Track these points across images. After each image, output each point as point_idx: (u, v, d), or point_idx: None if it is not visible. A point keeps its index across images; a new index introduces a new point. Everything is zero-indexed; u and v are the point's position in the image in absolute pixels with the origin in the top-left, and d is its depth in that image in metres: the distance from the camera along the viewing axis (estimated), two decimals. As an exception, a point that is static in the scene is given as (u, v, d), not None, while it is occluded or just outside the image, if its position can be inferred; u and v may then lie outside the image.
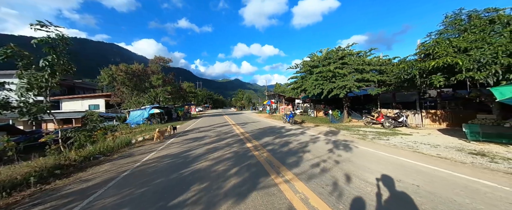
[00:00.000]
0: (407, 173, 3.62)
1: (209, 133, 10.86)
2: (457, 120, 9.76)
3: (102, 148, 7.10)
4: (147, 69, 22.97)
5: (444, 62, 5.90)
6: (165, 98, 27.89)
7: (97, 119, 18.11)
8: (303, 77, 14.80)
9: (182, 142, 8.29)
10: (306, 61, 15.12)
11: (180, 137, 10.08)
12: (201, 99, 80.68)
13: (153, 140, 9.32)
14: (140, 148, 7.64)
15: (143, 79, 21.94)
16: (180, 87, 26.93)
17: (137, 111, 21.02)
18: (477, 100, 6.83)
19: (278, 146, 6.39)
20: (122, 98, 22.26)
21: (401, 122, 10.17)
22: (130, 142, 9.04)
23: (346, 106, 14.43)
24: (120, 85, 20.03)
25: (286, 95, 15.39)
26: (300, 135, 8.50)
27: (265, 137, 8.28)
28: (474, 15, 6.57)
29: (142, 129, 16.96)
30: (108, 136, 14.50)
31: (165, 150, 6.87)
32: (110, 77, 18.29)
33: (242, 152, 5.85)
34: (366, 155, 4.97)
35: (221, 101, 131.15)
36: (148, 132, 14.77)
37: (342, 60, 12.95)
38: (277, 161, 4.60)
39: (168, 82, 23.45)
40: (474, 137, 6.00)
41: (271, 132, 10.03)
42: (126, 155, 6.54)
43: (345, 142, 6.71)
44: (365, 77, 11.25)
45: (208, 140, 8.33)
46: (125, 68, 19.10)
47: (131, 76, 20.28)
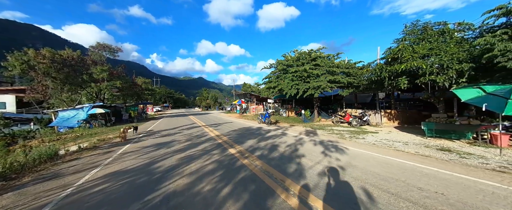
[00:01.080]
0: (417, 178, 3.49)
1: (177, 136, 9.07)
2: (405, 118, 11.57)
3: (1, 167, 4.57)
4: (85, 58, 17.99)
5: (412, 66, 6.56)
6: (113, 95, 22.77)
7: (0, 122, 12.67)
8: (279, 76, 14.66)
9: (141, 150, 6.42)
10: (281, 60, 15.07)
11: (137, 143, 7.95)
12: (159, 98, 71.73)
13: (94, 151, 6.91)
14: (73, 162, 5.39)
15: (80, 70, 17.02)
16: (133, 83, 22.49)
17: (70, 111, 16.15)
18: (431, 101, 8.00)
19: (266, 150, 5.64)
20: (46, 94, 16.70)
21: (365, 121, 11.25)
22: (57, 153, 6.41)
23: (317, 106, 15.15)
24: (43, 77, 14.79)
25: (261, 95, 14.92)
26: (283, 136, 8.03)
27: (247, 140, 7.39)
28: (429, 27, 7.70)
29: (77, 134, 12.98)
30: (15, 146, 10.35)
31: (116, 163, 5.01)
32: (24, 64, 13.08)
33: (227, 160, 4.79)
34: (362, 157, 4.83)
35: (183, 101, 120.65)
36: (87, 138, 11.37)
37: (314, 61, 13.44)
38: (276, 171, 3.82)
39: (117, 76, 19.10)
40: (430, 134, 6.92)
41: (250, 133, 9.20)
42: (49, 175, 4.37)
43: (331, 142, 6.60)
44: (336, 79, 11.94)
45: (178, 146, 6.76)
46: (51, 55, 14.16)
47: (60, 65, 15.29)
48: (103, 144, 8.22)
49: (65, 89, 16.14)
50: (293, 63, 13.99)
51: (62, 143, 9.94)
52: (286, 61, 14.54)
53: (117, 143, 8.15)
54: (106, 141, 9.04)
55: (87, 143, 9.22)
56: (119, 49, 19.80)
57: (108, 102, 21.89)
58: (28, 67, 13.55)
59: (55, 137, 12.21)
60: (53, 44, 16.19)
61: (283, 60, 14.78)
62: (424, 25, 7.85)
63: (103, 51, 19.26)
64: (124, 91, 20.54)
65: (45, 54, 13.94)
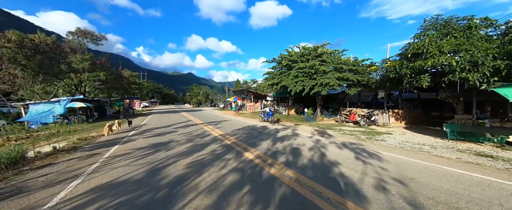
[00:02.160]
0: (505, 198, 2.89)
1: (174, 136, 7.94)
2: (411, 119, 11.39)
3: None
4: (62, 46, 15.79)
5: (439, 62, 6.07)
6: (95, 88, 20.55)
7: None
8: (282, 72, 13.86)
9: (134, 153, 5.29)
10: (284, 55, 14.26)
11: (127, 143, 6.74)
12: (146, 93, 68.03)
13: (74, 153, 5.63)
14: (45, 169, 4.17)
15: (55, 58, 14.86)
16: (119, 75, 20.42)
17: (44, 105, 14.10)
18: (449, 101, 7.66)
19: (290, 155, 4.82)
20: (14, 84, 14.42)
21: (373, 121, 10.88)
22: (23, 157, 5.08)
23: (319, 104, 14.63)
24: (8, 64, 12.61)
25: (261, 91, 14.06)
26: (297, 137, 7.27)
27: (259, 141, 6.52)
28: (452, 21, 7.29)
29: (52, 131, 11.23)
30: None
31: (104, 171, 3.90)
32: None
33: (249, 169, 3.90)
34: (407, 165, 4.11)
35: (172, 97, 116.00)
36: (65, 136, 9.79)
37: (320, 57, 12.81)
38: (322, 187, 3.00)
39: (101, 67, 17.08)
40: (453, 136, 6.54)
41: (259, 133, 8.33)
42: (7, 191, 3.18)
43: (355, 145, 5.96)
44: (345, 76, 11.40)
45: (180, 148, 5.71)
46: (18, 38, 12.02)
47: (31, 52, 13.15)
48: (84, 144, 6.90)
49: (39, 80, 14.00)
50: (297, 59, 13.24)
51: (32, 142, 8.35)
52: (290, 56, 13.75)
53: (103, 143, 6.86)
54: (88, 140, 7.68)
55: (65, 142, 7.79)
56: (103, 37, 17.67)
57: (90, 96, 19.71)
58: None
59: (24, 135, 10.40)
60: (25, 31, 13.91)
61: (287, 56, 13.98)
62: (447, 20, 7.44)
63: (84, 38, 17.07)
64: (109, 84, 18.54)
65: (10, 38, 11.81)
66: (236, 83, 65.15)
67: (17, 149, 5.23)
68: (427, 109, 12.59)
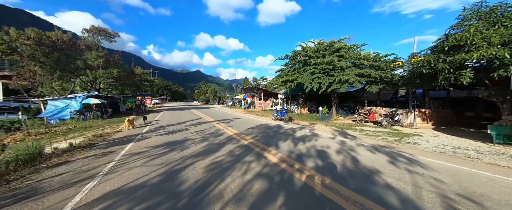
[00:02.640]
0: None
1: (188, 134, 7.71)
2: (440, 119, 10.44)
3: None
4: (78, 43, 16.11)
5: (489, 54, 5.29)
6: (109, 85, 21.01)
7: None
8: (296, 69, 13.25)
9: (150, 152, 5.06)
10: (299, 51, 13.61)
11: (141, 141, 6.58)
12: (157, 90, 69.59)
13: (89, 150, 5.51)
14: (61, 168, 4.01)
15: (71, 55, 15.20)
16: (132, 72, 20.70)
17: (61, 101, 14.51)
18: (493, 100, 6.80)
19: (318, 159, 4.35)
20: (34, 81, 14.93)
21: (397, 121, 10.08)
22: (41, 153, 5.01)
23: (335, 103, 13.90)
24: (28, 61, 13.00)
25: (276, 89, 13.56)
26: (318, 138, 6.76)
27: (278, 142, 6.09)
28: (502, 8, 6.36)
29: (69, 127, 11.47)
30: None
31: (120, 172, 3.66)
32: (4, 45, 11.26)
33: (276, 174, 3.49)
34: (463, 176, 3.56)
35: (181, 94, 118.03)
36: (81, 132, 9.90)
37: (338, 52, 12.05)
38: (376, 206, 2.53)
39: (114, 63, 17.32)
40: (500, 140, 5.75)
41: (275, 133, 7.90)
42: (22, 192, 3.00)
43: (387, 149, 5.37)
44: (367, 72, 10.62)
45: (195, 148, 5.42)
46: (37, 36, 12.33)
47: (48, 48, 13.49)
48: (100, 141, 6.82)
49: (56, 76, 14.38)
50: (313, 55, 12.56)
51: (50, 138, 8.47)
52: (304, 52, 13.08)
53: (118, 141, 6.75)
54: (103, 137, 7.63)
55: (81, 138, 7.80)
56: (116, 34, 17.88)
57: (104, 93, 20.17)
58: (9, 49, 11.74)
59: (44, 130, 10.67)
60: (45, 31, 14.26)
61: (301, 51, 13.31)
62: (493, 7, 6.51)
63: (98, 36, 17.34)
64: (122, 80, 18.83)
65: (30, 35, 12.11)
66: (244, 80, 64.79)
67: (35, 144, 5.17)
68: (457, 108, 11.51)
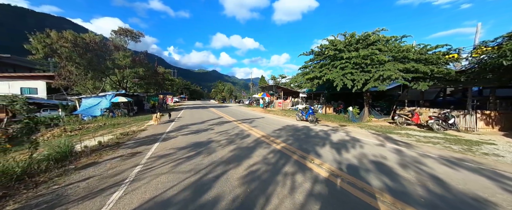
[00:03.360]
0: None
1: (212, 134, 7.28)
2: (510, 123, 8.51)
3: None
4: (108, 43, 17.02)
5: None
6: (134, 84, 22.05)
7: (23, 107, 12.17)
8: (324, 65, 12.10)
9: (176, 154, 4.66)
10: (326, 45, 12.41)
11: (166, 141, 6.29)
12: (176, 89, 72.66)
13: (117, 150, 5.33)
14: (88, 171, 3.75)
15: (102, 56, 16.09)
16: (155, 71, 21.45)
17: (93, 99, 15.44)
18: None
19: (385, 177, 3.44)
20: (70, 80, 16.13)
21: (452, 124, 8.43)
22: (72, 152, 4.94)
23: (367, 102, 12.43)
24: (65, 62, 14.01)
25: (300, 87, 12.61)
26: (364, 145, 5.76)
27: (316, 148, 5.27)
28: None
29: (100, 124, 12.00)
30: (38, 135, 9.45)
31: (147, 180, 3.24)
32: (46, 48, 12.27)
33: (333, 195, 2.72)
34: None
35: (199, 93, 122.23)
36: (110, 129, 10.18)
37: (373, 46, 10.63)
38: None
39: (139, 63, 17.99)
40: None
41: (306, 135, 7.06)
42: (46, 200, 2.70)
43: (468, 163, 4.20)
44: (414, 67, 9.09)
45: (223, 152, 4.89)
46: (73, 37, 13.22)
47: (83, 50, 14.40)
48: (126, 140, 6.73)
49: (89, 76, 15.32)
50: (343, 48, 11.30)
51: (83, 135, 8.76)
52: (333, 46, 11.85)
53: (144, 140, 6.57)
54: (130, 135, 7.59)
55: (110, 135, 7.88)
56: (140, 34, 18.58)
57: (130, 92, 21.23)
58: (51, 51, 12.72)
59: (78, 126, 11.31)
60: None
61: (329, 45, 12.09)
62: None
63: (125, 36, 18.17)
64: (146, 79, 19.56)
65: (67, 37, 12.97)
66: (260, 79, 64.09)
67: (66, 143, 5.13)
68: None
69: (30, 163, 3.85)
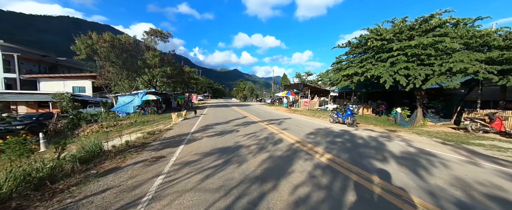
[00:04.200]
0: None
1: (238, 137, 6.54)
2: None
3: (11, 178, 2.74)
4: (140, 44, 17.98)
5: None
6: (163, 83, 23.13)
7: (68, 104, 13.53)
8: (366, 59, 10.32)
9: (201, 162, 4.00)
10: (367, 35, 10.55)
11: (191, 143, 5.78)
12: (200, 88, 75.82)
13: (141, 152, 4.96)
14: (108, 179, 3.30)
15: (135, 56, 17.05)
16: (181, 70, 22.12)
17: (127, 97, 16.45)
18: None
19: None
20: (108, 79, 17.51)
21: None
22: (99, 153, 4.73)
23: (422, 103, 10.19)
24: (104, 62, 15.18)
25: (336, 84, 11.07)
26: (447, 162, 4.25)
27: (375, 163, 4.02)
28: None
29: (132, 121, 12.53)
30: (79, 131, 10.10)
31: (168, 202, 2.57)
32: (88, 48, 13.46)
33: None
34: None
35: (221, 91, 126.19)
36: (140, 127, 10.40)
37: (435, 31, 8.47)
38: None
39: (167, 62, 18.62)
40: None
41: (353, 144, 5.76)
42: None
43: None
44: (500, 56, 6.85)
45: (255, 162, 4.03)
46: (110, 38, 14.21)
47: (119, 51, 15.41)
48: (152, 140, 6.46)
49: (124, 75, 16.36)
50: (392, 37, 9.35)
51: (117, 131, 9.01)
52: (378, 35, 9.95)
53: (169, 141, 6.20)
54: (156, 134, 7.39)
55: (139, 133, 7.84)
56: (169, 34, 19.23)
57: (159, 90, 22.33)
58: (92, 51, 13.84)
59: (113, 123, 11.97)
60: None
61: (372, 35, 10.20)
62: None
63: (155, 37, 19.01)
64: (174, 78, 20.23)
65: (105, 38, 13.93)
66: (282, 78, 62.27)
67: (96, 142, 4.97)
68: None
69: (55, 166, 3.61)
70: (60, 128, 11.04)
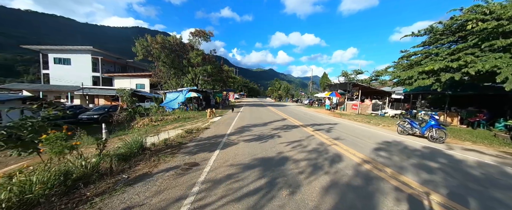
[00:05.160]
0: None
1: (281, 144, 5.42)
2: None
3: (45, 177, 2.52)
4: (186, 45, 19.30)
5: None
6: (204, 81, 24.40)
7: (128, 99, 15.64)
8: (460, 49, 7.35)
9: (237, 178, 3.07)
10: (463, 16, 7.47)
11: (228, 148, 5.04)
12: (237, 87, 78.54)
13: (176, 155, 4.51)
14: (134, 190, 2.78)
15: (181, 55, 18.36)
16: (221, 68, 22.75)
17: (173, 93, 17.86)
18: None
19: None
20: (160, 77, 19.52)
21: None
22: (141, 147, 4.59)
23: None
24: (156, 61, 16.93)
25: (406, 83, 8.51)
26: None
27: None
28: None
29: (175, 117, 13.28)
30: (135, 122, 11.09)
31: None
32: (144, 49, 15.26)
33: None
34: None
35: (256, 90, 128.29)
36: (181, 123, 10.71)
37: None
38: None
39: (208, 61, 19.34)
40: None
41: (466, 174, 3.74)
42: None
43: None
44: None
45: (311, 190, 2.80)
46: (162, 40, 15.68)
47: (168, 51, 16.87)
48: (189, 140, 6.13)
49: (171, 74, 17.84)
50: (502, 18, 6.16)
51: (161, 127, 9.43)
52: (486, 14, 6.82)
53: (204, 143, 5.68)
54: (193, 134, 7.11)
55: (179, 130, 7.83)
56: (211, 33, 19.97)
57: (200, 88, 23.68)
58: (147, 52, 15.58)
59: (160, 117, 12.97)
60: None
61: (473, 15, 7.10)
62: None
63: (199, 37, 20.06)
64: (213, 76, 20.94)
65: (158, 40, 15.37)
66: (322, 76, 57.18)
67: (138, 138, 4.87)
68: None
69: (93, 165, 3.42)
70: (121, 119, 12.67)
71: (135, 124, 11.93)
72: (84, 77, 30.05)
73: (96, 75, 32.14)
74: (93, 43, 45.12)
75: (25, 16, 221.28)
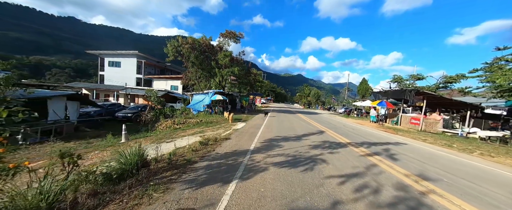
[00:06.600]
0: None
1: (328, 180, 3.39)
2: None
3: None
4: (215, 46, 18.96)
5: None
6: (231, 84, 23.78)
7: (155, 99, 15.84)
8: None
9: None
10: None
11: (250, 173, 3.35)
12: (264, 91, 77.35)
13: (176, 181, 3.04)
14: None
15: (210, 57, 18.02)
16: (248, 70, 21.74)
17: (200, 95, 17.49)
18: None
19: None
20: (189, 79, 19.62)
21: None
22: (142, 163, 3.32)
23: None
24: (186, 62, 16.95)
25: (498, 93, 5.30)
26: None
27: None
28: None
29: (198, 120, 12.46)
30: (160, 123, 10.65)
31: None
32: (174, 49, 15.40)
33: None
34: None
35: (283, 96, 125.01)
36: (203, 128, 9.64)
37: None
38: None
39: (236, 62, 18.50)
40: None
41: None
42: None
43: None
44: None
45: None
46: (192, 41, 15.56)
47: (198, 52, 16.69)
48: (200, 156, 4.68)
49: (199, 75, 17.59)
50: None
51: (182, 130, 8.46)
52: None
53: (219, 162, 4.11)
54: (209, 146, 5.68)
55: (197, 137, 6.60)
56: (241, 35, 19.19)
57: (227, 90, 23.09)
58: (177, 52, 15.65)
59: (183, 120, 12.37)
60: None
61: None
62: None
63: (229, 39, 19.55)
64: (240, 79, 20.01)
65: (188, 40, 15.25)
66: (361, 83, 50.50)
67: (137, 152, 3.68)
68: None
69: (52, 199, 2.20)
70: (148, 120, 12.60)
71: (158, 125, 11.56)
72: (130, 78, 33.70)
73: (139, 77, 35.71)
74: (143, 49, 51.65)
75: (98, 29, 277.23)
